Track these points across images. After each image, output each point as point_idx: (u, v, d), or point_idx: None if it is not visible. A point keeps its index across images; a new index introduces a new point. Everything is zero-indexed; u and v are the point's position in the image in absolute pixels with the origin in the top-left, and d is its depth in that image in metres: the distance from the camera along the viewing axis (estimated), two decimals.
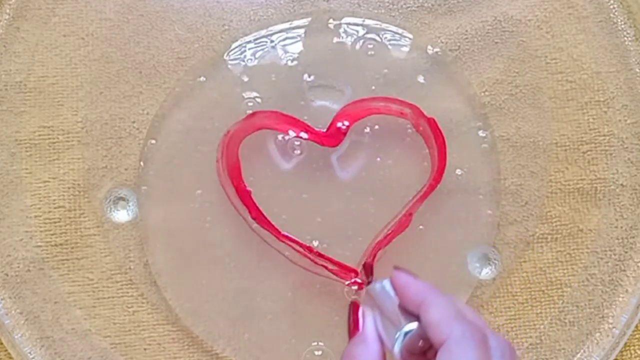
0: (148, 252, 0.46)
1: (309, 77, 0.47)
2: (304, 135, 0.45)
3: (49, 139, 0.46)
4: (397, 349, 0.34)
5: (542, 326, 0.46)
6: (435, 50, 0.48)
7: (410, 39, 0.48)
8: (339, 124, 0.45)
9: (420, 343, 0.33)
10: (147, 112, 0.47)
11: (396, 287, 0.36)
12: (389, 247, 0.44)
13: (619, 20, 0.48)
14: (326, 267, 0.43)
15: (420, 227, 0.46)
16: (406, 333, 0.34)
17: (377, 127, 0.46)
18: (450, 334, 0.32)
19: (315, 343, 0.45)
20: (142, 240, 0.46)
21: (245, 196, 0.44)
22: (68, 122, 0.47)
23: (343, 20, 0.48)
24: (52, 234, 0.46)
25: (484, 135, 0.47)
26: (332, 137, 0.45)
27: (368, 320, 0.36)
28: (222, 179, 0.45)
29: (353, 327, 0.37)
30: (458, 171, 0.46)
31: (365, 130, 0.46)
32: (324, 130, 0.45)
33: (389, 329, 0.35)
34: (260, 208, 0.44)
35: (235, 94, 0.47)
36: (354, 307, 0.38)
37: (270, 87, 0.47)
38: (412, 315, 0.34)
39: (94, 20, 0.48)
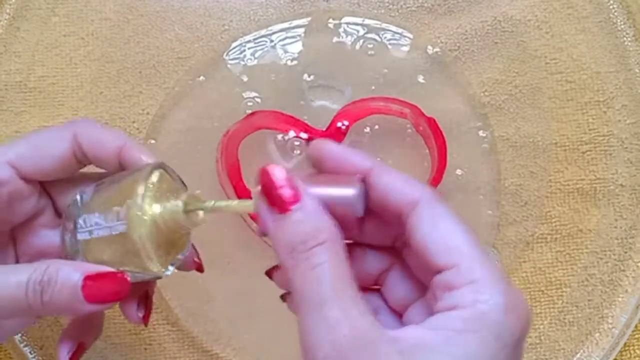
0: None
1: (309, 77, 0.47)
2: (303, 135, 0.45)
3: None
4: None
5: (542, 326, 0.46)
6: (435, 50, 0.48)
7: (410, 39, 0.48)
8: (339, 124, 0.45)
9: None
10: (147, 112, 0.47)
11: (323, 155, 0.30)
12: None
13: (619, 20, 0.48)
14: None
15: None
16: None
17: (377, 127, 0.46)
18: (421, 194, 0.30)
19: None
20: None
21: (245, 196, 0.44)
22: None
23: (343, 20, 0.48)
24: None
25: (484, 135, 0.47)
26: (332, 137, 0.45)
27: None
28: (222, 179, 0.44)
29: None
30: (458, 171, 0.46)
31: (365, 130, 0.46)
32: (324, 130, 0.45)
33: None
34: None
35: (235, 94, 0.47)
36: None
37: (270, 86, 0.47)
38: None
39: (94, 20, 0.48)
